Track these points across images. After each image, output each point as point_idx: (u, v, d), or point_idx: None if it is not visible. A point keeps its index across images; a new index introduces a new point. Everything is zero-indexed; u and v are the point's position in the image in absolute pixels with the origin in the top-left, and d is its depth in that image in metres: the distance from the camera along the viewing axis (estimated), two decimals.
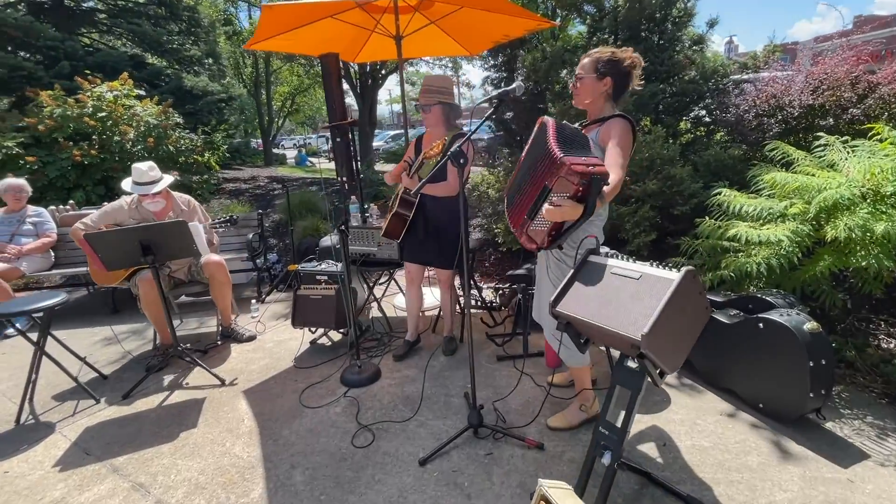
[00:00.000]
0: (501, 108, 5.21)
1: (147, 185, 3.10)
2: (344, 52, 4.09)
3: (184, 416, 2.51)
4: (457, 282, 3.36)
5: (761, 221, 2.59)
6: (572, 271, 1.60)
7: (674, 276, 1.37)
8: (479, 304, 3.60)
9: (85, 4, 10.70)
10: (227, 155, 9.07)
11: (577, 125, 2.04)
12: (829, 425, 2.14)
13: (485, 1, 3.31)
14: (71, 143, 6.59)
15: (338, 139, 2.79)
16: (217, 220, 3.18)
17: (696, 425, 2.19)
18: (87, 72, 8.40)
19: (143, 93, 7.60)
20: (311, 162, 16.20)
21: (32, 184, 6.32)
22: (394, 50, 4.19)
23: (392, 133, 25.71)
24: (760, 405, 2.21)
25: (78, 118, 6.67)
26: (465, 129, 2.72)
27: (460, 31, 3.92)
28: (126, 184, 3.11)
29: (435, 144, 2.37)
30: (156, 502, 1.90)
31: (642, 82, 2.03)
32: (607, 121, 1.90)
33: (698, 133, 4.32)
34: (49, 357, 2.67)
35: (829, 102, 3.25)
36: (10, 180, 4.17)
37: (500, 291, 3.79)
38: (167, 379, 2.93)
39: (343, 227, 2.59)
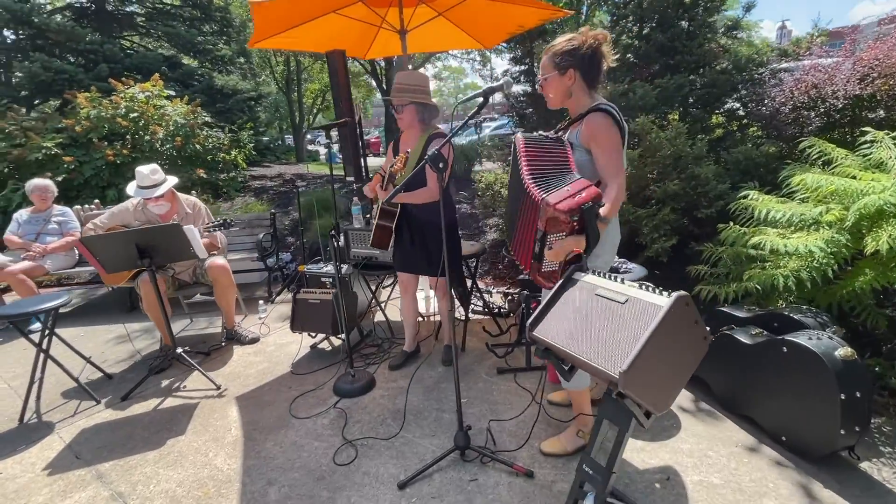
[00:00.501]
0: (521, 104, 5.00)
1: (150, 188, 3.10)
2: (352, 48, 4.00)
3: (175, 421, 2.49)
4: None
5: (792, 228, 2.31)
6: (553, 290, 1.42)
7: (663, 302, 1.18)
8: (484, 310, 3.44)
9: (125, 8, 11.11)
10: (254, 153, 9.17)
11: (559, 127, 1.87)
12: (864, 465, 1.87)
13: None
14: (105, 142, 6.82)
15: (329, 139, 2.68)
16: (211, 224, 3.15)
17: (707, 457, 1.97)
18: (127, 73, 8.74)
19: (173, 93, 7.80)
20: (340, 159, 16.34)
21: (69, 183, 6.64)
22: (412, 44, 4.07)
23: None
24: (783, 438, 1.96)
25: (111, 119, 6.89)
26: (446, 128, 2.55)
27: (471, 22, 3.74)
28: (130, 188, 3.13)
29: (398, 158, 2.23)
30: None
31: (616, 56, 1.84)
32: (585, 117, 1.72)
33: (731, 128, 3.98)
34: (51, 358, 2.71)
35: (881, 92, 2.88)
36: (37, 181, 4.32)
37: (509, 297, 3.62)
38: (166, 381, 2.94)
39: (333, 231, 2.49)
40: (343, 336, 3.23)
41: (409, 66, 12.24)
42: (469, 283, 3.19)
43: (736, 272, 2.59)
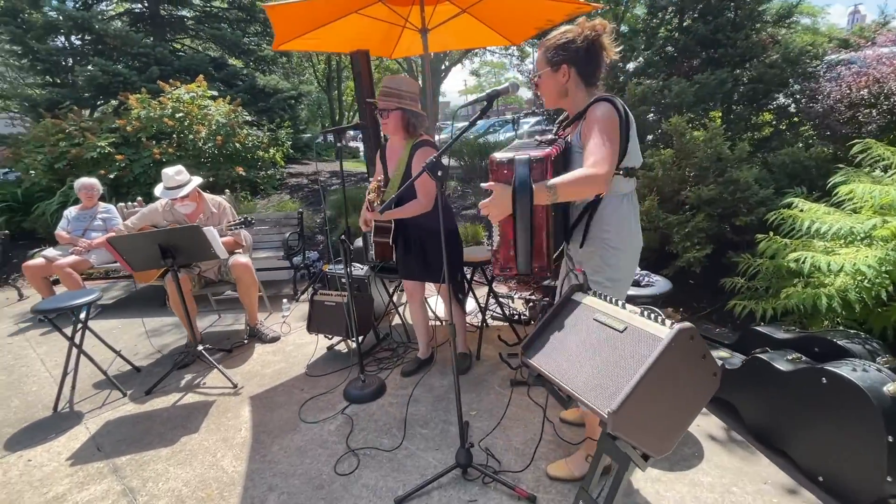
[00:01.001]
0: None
1: (175, 189, 3.20)
2: (377, 48, 3.97)
3: (191, 418, 2.56)
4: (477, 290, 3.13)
5: (841, 242, 2.07)
6: (549, 312, 1.32)
7: (663, 333, 1.06)
8: (504, 315, 3.34)
9: (177, 13, 11.64)
10: (292, 150, 9.40)
11: (556, 129, 1.74)
12: None
13: None
14: (153, 141, 7.16)
15: (341, 141, 2.65)
16: (233, 223, 3.22)
17: (731, 494, 1.80)
18: (176, 75, 9.16)
19: (216, 93, 8.09)
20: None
21: (120, 180, 7.03)
22: (436, 42, 4.00)
23: (460, 125, 25.49)
24: (820, 479, 1.76)
25: (159, 119, 7.22)
26: (446, 132, 2.44)
27: (497, 18, 3.62)
28: (158, 189, 3.25)
29: (371, 187, 2.19)
30: None
31: (620, 48, 1.67)
32: (584, 112, 1.57)
33: (781, 127, 3.65)
34: (82, 351, 2.85)
35: None
36: (84, 180, 4.57)
37: (531, 303, 3.49)
38: (189, 377, 3.03)
39: (344, 236, 2.47)
40: (357, 340, 3.24)
41: (446, 64, 12.16)
42: (486, 289, 3.09)
43: (776, 287, 2.36)
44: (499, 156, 1.48)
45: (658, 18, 4.03)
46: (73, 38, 10.14)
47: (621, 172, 1.58)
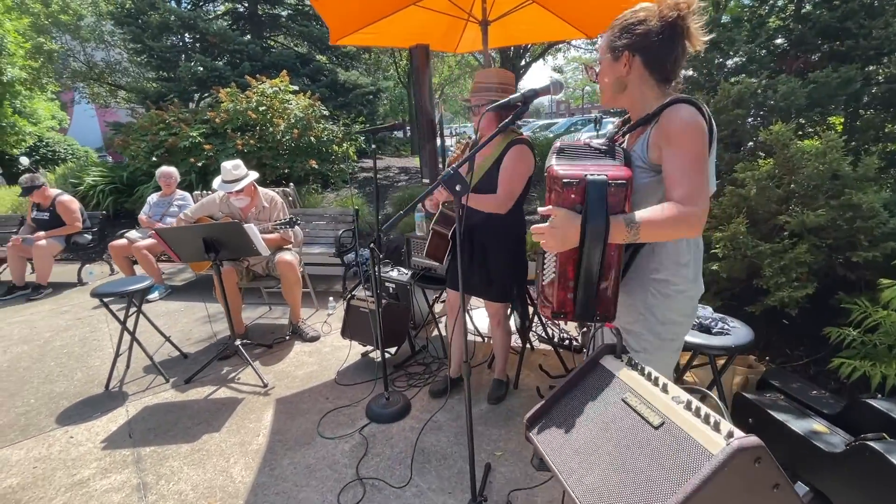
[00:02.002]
0: None
1: (232, 182, 3.25)
2: (439, 42, 3.77)
3: (217, 415, 2.56)
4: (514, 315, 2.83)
5: None
6: (570, 376, 1.03)
7: (715, 447, 0.74)
8: (549, 339, 3.00)
9: (273, 11, 12.36)
10: (363, 145, 9.56)
11: (609, 136, 1.39)
12: None
13: None
14: (238, 133, 7.59)
15: (372, 142, 2.48)
16: (278, 222, 3.20)
17: None
18: (265, 70, 9.70)
19: (297, 88, 8.41)
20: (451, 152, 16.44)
21: (207, 168, 7.56)
22: (500, 36, 3.73)
23: (542, 123, 24.72)
24: None
25: (244, 112, 7.65)
26: (527, 129, 2.16)
27: (569, 8, 3.26)
28: (216, 182, 3.32)
29: (457, 146, 1.93)
30: None
31: (709, 37, 1.26)
32: (657, 116, 1.21)
33: None
34: (131, 335, 2.98)
35: None
36: (163, 168, 4.89)
37: (584, 328, 3.12)
38: (227, 368, 3.07)
39: (374, 244, 2.30)
40: (390, 351, 3.09)
41: (527, 58, 11.68)
42: (531, 310, 2.79)
43: None
44: (562, 170, 1.15)
45: (768, 5, 3.41)
46: (182, 36, 11.14)
47: None
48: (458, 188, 1.35)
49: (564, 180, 1.12)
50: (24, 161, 13.62)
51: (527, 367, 2.83)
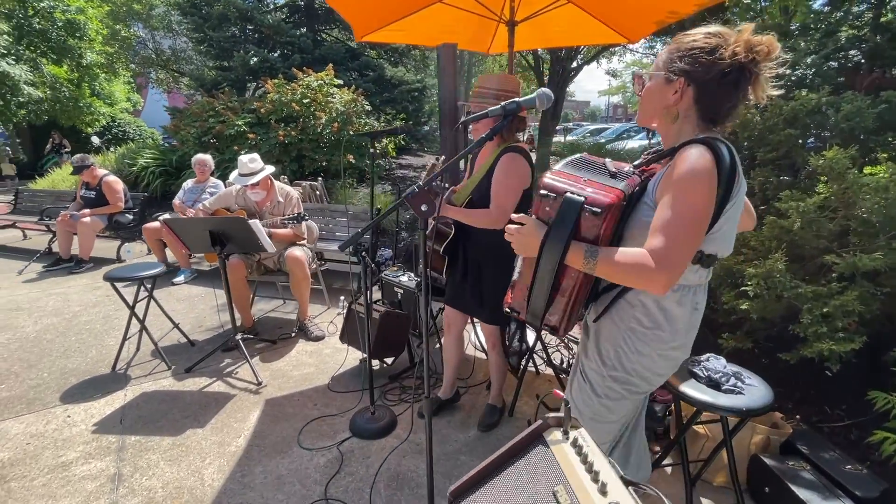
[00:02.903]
0: None
1: (248, 175, 3.25)
2: (470, 42, 3.61)
3: (205, 410, 2.55)
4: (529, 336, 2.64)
5: None
6: (508, 447, 0.86)
7: None
8: (550, 362, 2.79)
9: (328, 5, 12.57)
10: (404, 142, 9.56)
11: (638, 162, 1.21)
12: None
13: None
14: (281, 124, 7.75)
15: (375, 148, 2.36)
16: (287, 217, 3.17)
17: None
18: (315, 62, 9.88)
19: (341, 82, 8.49)
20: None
21: None
22: (534, 37, 3.54)
23: (593, 127, 23.90)
24: None
25: (288, 103, 7.80)
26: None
27: (609, 9, 3.01)
28: (233, 175, 3.34)
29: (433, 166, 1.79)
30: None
31: (778, 93, 1.07)
32: (676, 152, 1.07)
33: None
34: (140, 321, 3.04)
35: None
36: (199, 156, 5.03)
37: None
38: (227, 360, 3.09)
39: (364, 253, 2.20)
40: (387, 361, 2.99)
41: (579, 60, 11.23)
42: (533, 337, 2.60)
43: None
44: (549, 179, 1.15)
45: (842, 11, 3.00)
46: (241, 27, 11.54)
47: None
48: (423, 208, 1.21)
49: (543, 191, 1.13)
50: (96, 141, 14.67)
51: (527, 394, 2.65)
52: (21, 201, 6.69)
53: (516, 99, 1.17)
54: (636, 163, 1.22)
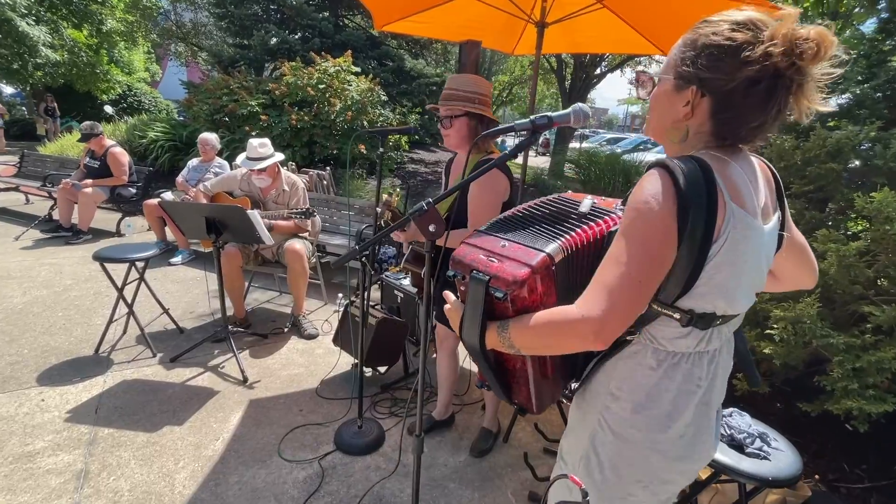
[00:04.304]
0: None
1: (255, 160, 3.12)
2: (495, 40, 3.44)
3: (186, 406, 2.43)
4: None
5: None
6: None
7: None
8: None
9: None
10: (417, 136, 9.41)
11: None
12: None
13: None
14: (295, 108, 7.61)
15: (384, 147, 2.21)
16: (294, 210, 3.03)
17: None
18: (336, 49, 9.71)
19: (359, 70, 8.33)
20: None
21: (260, 138, 7.66)
22: (563, 41, 3.37)
23: (610, 136, 23.59)
24: None
25: (303, 87, 7.65)
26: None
27: (645, 17, 2.84)
28: (240, 158, 3.20)
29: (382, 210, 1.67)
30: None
31: (831, 110, 0.81)
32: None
33: None
34: (128, 305, 2.92)
35: None
36: (204, 135, 4.89)
37: None
38: (216, 352, 2.97)
39: (364, 257, 2.05)
40: (380, 370, 2.86)
41: (603, 67, 11.00)
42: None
43: None
44: (463, 248, 0.97)
45: (892, 41, 2.81)
46: (263, 6, 11.39)
47: (675, 315, 0.84)
48: (431, 228, 1.06)
49: (449, 272, 0.95)
50: (109, 109, 14.61)
51: (525, 419, 2.50)
52: (26, 164, 6.60)
53: (549, 113, 1.01)
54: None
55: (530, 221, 0.97)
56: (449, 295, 1.02)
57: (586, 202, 0.98)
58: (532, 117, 1.03)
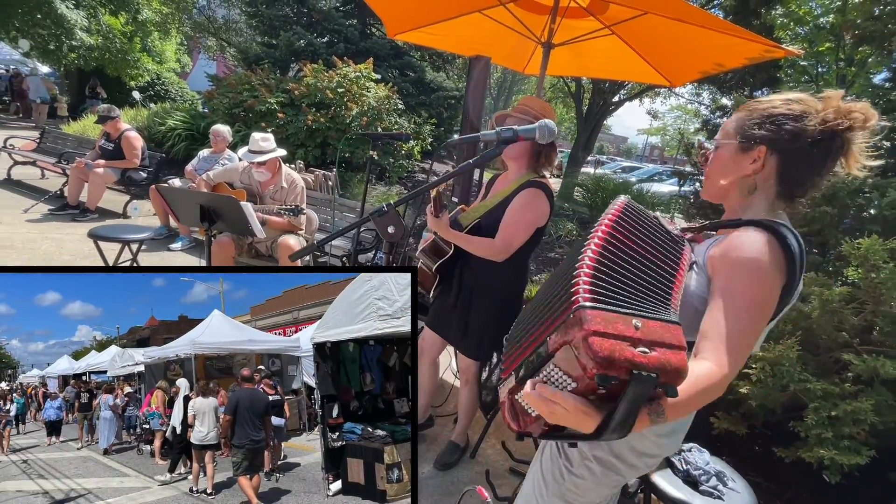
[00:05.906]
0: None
1: (256, 153, 3.17)
2: (505, 58, 3.49)
3: None
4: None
5: None
6: None
7: None
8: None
9: None
10: (430, 147, 9.51)
11: (688, 227, 1.07)
12: None
13: (681, 9, 2.23)
14: (312, 108, 7.73)
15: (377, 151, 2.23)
16: (283, 207, 3.06)
17: None
18: (359, 55, 9.89)
19: (379, 77, 8.46)
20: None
21: (276, 135, 7.79)
22: (571, 64, 3.41)
23: (626, 164, 23.53)
24: None
25: (322, 90, 7.78)
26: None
27: (654, 47, 2.86)
28: (242, 150, 3.26)
29: (435, 191, 1.64)
30: None
31: (877, 163, 0.94)
32: (738, 229, 0.95)
33: None
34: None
35: None
36: (216, 126, 5.00)
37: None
38: None
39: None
40: None
41: (622, 95, 11.05)
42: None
43: None
44: (600, 341, 0.67)
45: None
46: (294, 7, 11.67)
47: None
48: (390, 230, 1.07)
49: (598, 372, 0.67)
50: (137, 95, 14.98)
51: (495, 435, 2.47)
52: (46, 140, 6.77)
53: (514, 126, 1.02)
54: (685, 227, 1.08)
55: (626, 272, 0.80)
56: (545, 389, 0.75)
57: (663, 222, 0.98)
58: (498, 128, 1.04)
